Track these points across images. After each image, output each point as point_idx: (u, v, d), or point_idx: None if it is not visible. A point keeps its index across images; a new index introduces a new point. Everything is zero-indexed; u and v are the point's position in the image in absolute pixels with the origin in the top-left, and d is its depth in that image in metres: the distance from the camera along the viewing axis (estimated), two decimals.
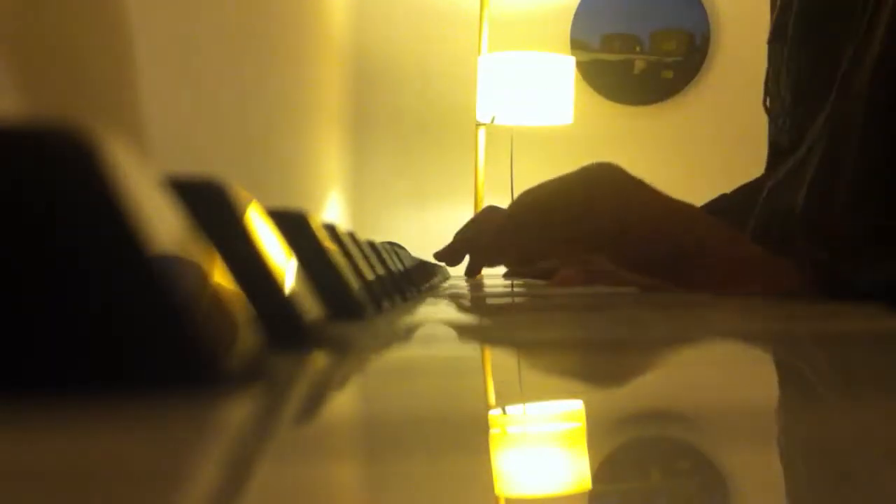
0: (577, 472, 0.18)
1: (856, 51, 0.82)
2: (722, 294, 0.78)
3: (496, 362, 0.38)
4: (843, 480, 0.16)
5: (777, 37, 0.99)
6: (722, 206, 1.04)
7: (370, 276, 0.60)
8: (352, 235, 0.65)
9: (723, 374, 0.33)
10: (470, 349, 0.44)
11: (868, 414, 0.22)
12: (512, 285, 1.24)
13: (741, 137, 1.10)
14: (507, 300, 0.96)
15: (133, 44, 0.81)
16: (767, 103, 1.00)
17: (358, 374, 0.33)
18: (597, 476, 0.17)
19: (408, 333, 0.50)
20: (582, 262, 0.96)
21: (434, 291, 1.05)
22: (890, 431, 0.20)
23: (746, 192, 1.03)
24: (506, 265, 1.08)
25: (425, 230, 2.95)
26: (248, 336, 0.26)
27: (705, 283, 0.82)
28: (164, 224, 0.24)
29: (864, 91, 0.80)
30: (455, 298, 0.92)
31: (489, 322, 0.65)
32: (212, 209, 0.32)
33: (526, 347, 0.43)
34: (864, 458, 0.18)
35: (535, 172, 1.13)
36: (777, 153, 0.96)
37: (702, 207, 0.99)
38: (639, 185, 0.87)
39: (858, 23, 0.83)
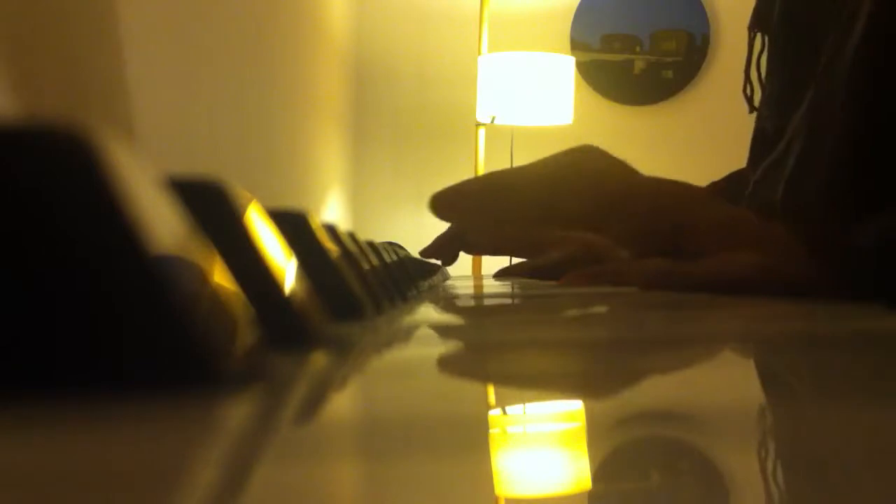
0: (577, 472, 0.18)
1: (836, 40, 0.82)
2: (722, 272, 0.77)
3: (496, 362, 0.38)
4: (838, 481, 0.16)
5: (757, 23, 0.99)
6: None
7: (370, 276, 0.60)
8: (352, 235, 0.65)
9: (722, 375, 0.33)
10: (470, 349, 0.44)
11: (868, 415, 0.22)
12: (512, 286, 1.24)
13: (741, 137, 1.10)
14: (508, 300, 0.96)
15: (133, 44, 0.81)
16: (748, 91, 1.00)
17: (358, 374, 0.33)
18: (597, 476, 0.17)
19: (408, 333, 0.50)
20: (582, 243, 0.95)
21: (434, 291, 1.05)
22: (889, 432, 0.20)
23: (734, 182, 1.03)
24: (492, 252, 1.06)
25: (425, 230, 2.95)
26: (248, 336, 0.26)
27: (706, 254, 0.80)
28: (164, 224, 0.24)
29: (843, 83, 0.80)
30: (455, 299, 0.92)
31: (489, 322, 0.65)
32: (212, 209, 0.32)
33: (526, 347, 0.42)
34: (864, 459, 0.18)
35: None
36: (761, 143, 0.96)
37: None
38: (624, 165, 0.86)
39: (840, 11, 0.83)
